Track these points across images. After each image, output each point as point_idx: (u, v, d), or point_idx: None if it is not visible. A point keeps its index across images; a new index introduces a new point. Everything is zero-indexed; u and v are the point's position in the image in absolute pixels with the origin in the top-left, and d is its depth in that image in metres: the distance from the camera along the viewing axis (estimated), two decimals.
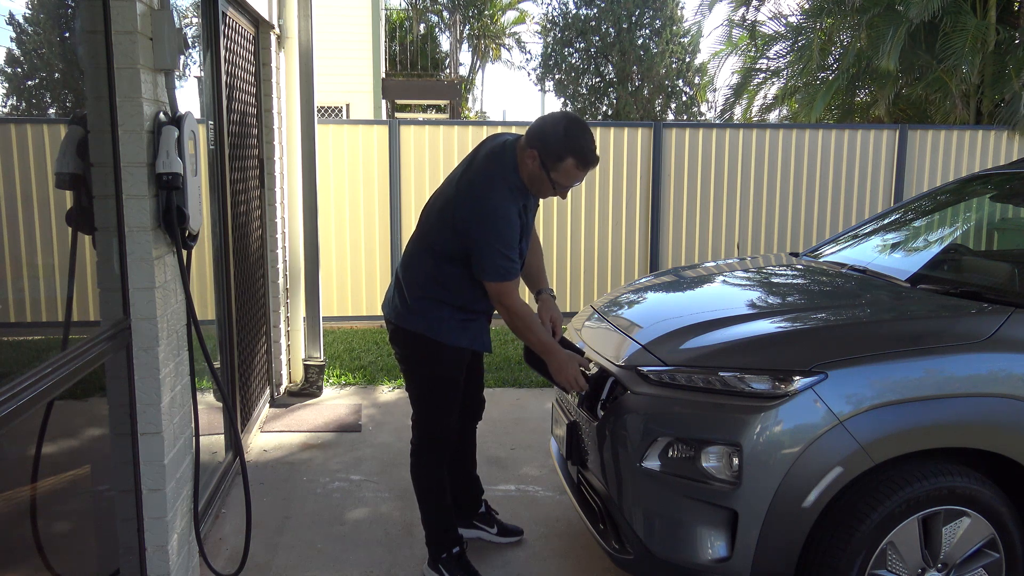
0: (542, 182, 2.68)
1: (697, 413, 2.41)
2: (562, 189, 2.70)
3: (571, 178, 2.66)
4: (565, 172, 2.64)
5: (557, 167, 2.63)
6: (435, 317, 2.78)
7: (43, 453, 1.98)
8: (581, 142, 2.61)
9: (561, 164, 2.62)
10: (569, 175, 2.65)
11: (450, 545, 2.98)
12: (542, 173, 2.64)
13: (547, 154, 2.62)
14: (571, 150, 2.61)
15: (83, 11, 2.17)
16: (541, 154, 2.62)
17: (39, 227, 2.04)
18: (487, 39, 23.27)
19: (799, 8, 14.36)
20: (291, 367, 5.42)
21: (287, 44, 5.14)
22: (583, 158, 2.62)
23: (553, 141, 2.61)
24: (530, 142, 2.65)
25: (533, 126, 2.68)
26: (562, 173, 2.64)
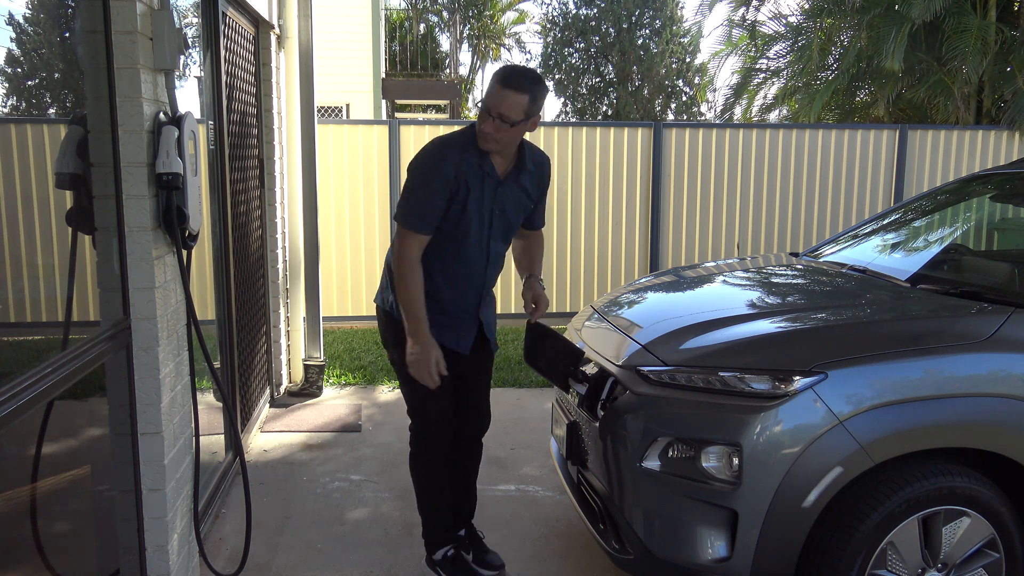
0: (481, 116, 2.68)
1: (697, 413, 2.41)
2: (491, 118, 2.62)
3: (490, 95, 2.64)
4: (488, 91, 2.67)
5: (487, 91, 2.69)
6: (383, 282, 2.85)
7: (43, 453, 1.98)
8: (510, 67, 2.70)
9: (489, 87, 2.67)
10: (491, 93, 2.65)
11: (444, 545, 2.98)
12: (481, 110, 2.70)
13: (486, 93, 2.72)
14: (497, 75, 2.66)
15: (83, 11, 2.17)
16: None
17: (39, 227, 2.04)
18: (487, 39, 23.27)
19: (799, 8, 14.37)
20: (291, 367, 5.42)
21: (287, 44, 5.14)
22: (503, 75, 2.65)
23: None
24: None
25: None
26: (487, 93, 2.67)
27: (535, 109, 2.65)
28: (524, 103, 2.60)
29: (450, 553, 2.99)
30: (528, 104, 2.62)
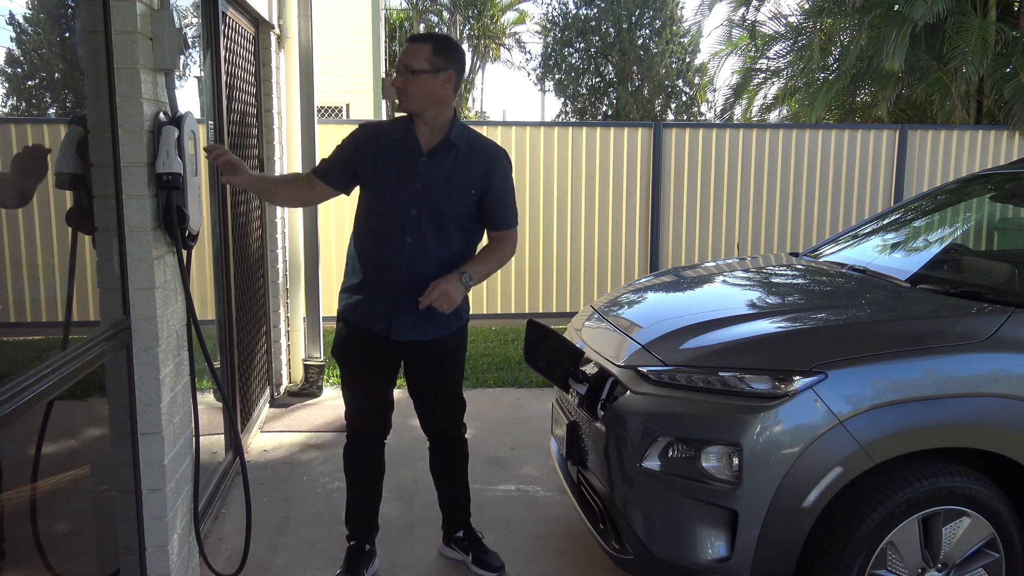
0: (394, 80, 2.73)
1: (697, 413, 2.41)
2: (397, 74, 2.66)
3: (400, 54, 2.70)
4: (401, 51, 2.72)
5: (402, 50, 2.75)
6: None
7: (43, 453, 1.98)
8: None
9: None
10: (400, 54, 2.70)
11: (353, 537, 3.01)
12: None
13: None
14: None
15: (83, 11, 2.16)
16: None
17: (39, 227, 2.04)
18: (487, 39, 23.28)
19: (799, 8, 14.37)
20: (291, 367, 5.42)
21: (287, 44, 5.14)
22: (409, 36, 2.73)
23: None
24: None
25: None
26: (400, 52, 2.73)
27: (442, 63, 2.62)
28: (427, 52, 2.60)
29: (352, 543, 3.01)
30: (431, 54, 2.61)
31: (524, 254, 7.34)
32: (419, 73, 2.60)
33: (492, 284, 7.22)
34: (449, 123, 2.72)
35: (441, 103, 2.67)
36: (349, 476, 3.00)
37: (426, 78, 2.61)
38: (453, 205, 2.72)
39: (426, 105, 2.66)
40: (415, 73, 2.60)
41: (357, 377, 2.87)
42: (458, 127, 2.74)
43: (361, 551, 2.99)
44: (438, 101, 2.66)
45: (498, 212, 2.81)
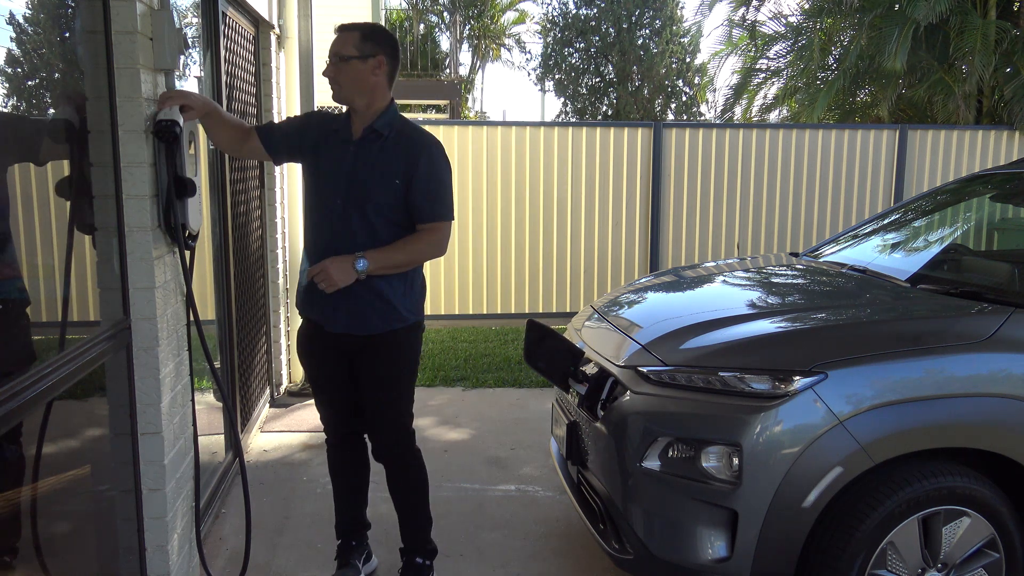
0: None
1: (697, 413, 2.41)
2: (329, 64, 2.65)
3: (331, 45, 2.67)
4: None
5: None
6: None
7: (43, 453, 1.98)
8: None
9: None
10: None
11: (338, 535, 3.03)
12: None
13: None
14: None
15: (83, 11, 2.17)
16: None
17: (39, 227, 2.04)
18: (487, 39, 23.28)
19: (799, 8, 14.37)
20: (291, 367, 5.41)
21: (287, 44, 5.14)
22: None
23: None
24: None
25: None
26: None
27: (371, 48, 2.59)
28: (355, 38, 2.60)
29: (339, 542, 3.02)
30: (359, 40, 2.59)
31: (524, 254, 7.34)
32: (348, 60, 2.59)
33: (492, 284, 7.23)
34: (381, 112, 2.65)
35: (374, 90, 2.62)
36: (330, 476, 3.04)
37: (355, 64, 2.59)
38: (378, 195, 2.62)
39: (357, 92, 2.62)
40: (344, 60, 2.59)
41: (314, 371, 2.87)
42: (388, 116, 2.66)
43: (348, 547, 3.00)
44: (371, 88, 2.62)
45: (423, 202, 2.64)
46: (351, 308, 2.65)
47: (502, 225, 7.23)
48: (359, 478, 3.02)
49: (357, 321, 2.66)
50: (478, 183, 7.12)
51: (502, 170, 7.17)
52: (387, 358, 2.72)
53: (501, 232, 7.23)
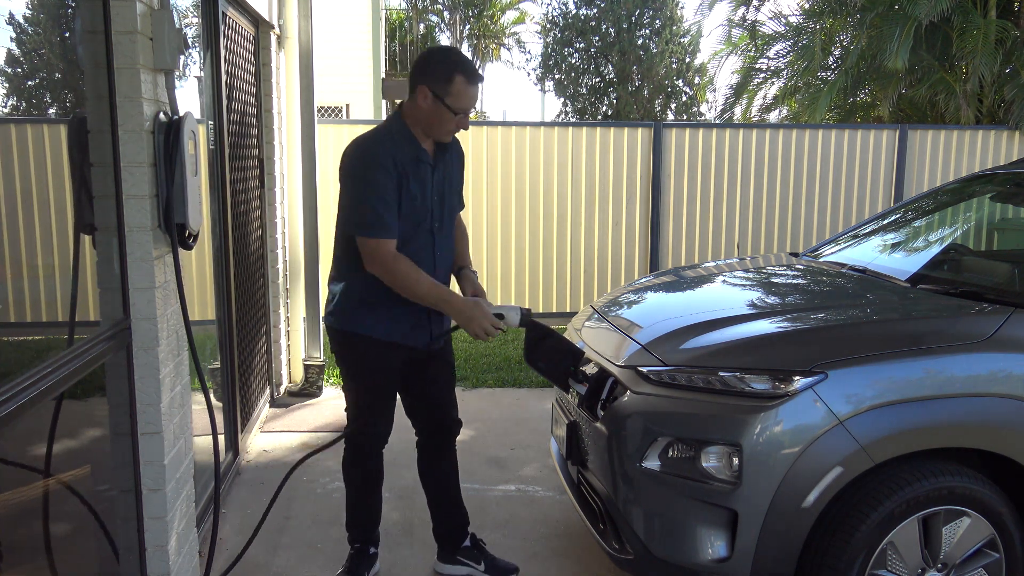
0: (440, 115, 2.63)
1: (697, 413, 2.41)
2: (462, 115, 2.64)
3: (464, 98, 2.63)
4: (458, 93, 2.61)
5: (449, 90, 2.61)
6: (354, 311, 2.74)
7: (44, 453, 1.98)
8: (463, 61, 2.65)
9: (452, 86, 2.60)
10: (463, 95, 2.62)
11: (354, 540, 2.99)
12: (437, 105, 2.62)
13: (436, 82, 2.60)
14: (457, 68, 2.61)
15: (83, 11, 2.16)
16: (431, 86, 2.61)
17: (39, 227, 2.04)
18: (487, 39, 23.28)
19: (799, 8, 14.37)
20: (291, 367, 5.42)
21: (287, 44, 5.14)
22: (469, 73, 2.62)
23: (438, 68, 2.62)
24: (415, 81, 2.65)
25: (411, 71, 2.70)
26: (455, 95, 2.61)
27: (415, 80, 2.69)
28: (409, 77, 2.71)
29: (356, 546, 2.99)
30: (409, 77, 2.72)
31: (524, 254, 7.34)
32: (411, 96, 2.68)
33: (492, 284, 7.23)
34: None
35: (430, 115, 2.64)
36: (361, 485, 2.95)
37: (412, 98, 2.67)
38: (456, 202, 2.87)
39: (417, 122, 2.68)
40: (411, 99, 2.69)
41: (388, 395, 2.85)
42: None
43: (365, 554, 2.99)
44: (425, 116, 2.65)
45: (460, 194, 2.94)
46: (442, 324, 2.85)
47: (502, 225, 7.23)
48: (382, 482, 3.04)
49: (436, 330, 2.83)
50: (478, 183, 7.12)
51: (502, 170, 7.17)
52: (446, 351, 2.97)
53: (501, 232, 7.23)
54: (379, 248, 2.57)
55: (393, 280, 2.60)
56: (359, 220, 2.58)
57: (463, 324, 2.63)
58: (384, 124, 2.73)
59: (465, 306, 2.62)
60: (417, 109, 2.64)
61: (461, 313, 2.61)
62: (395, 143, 2.64)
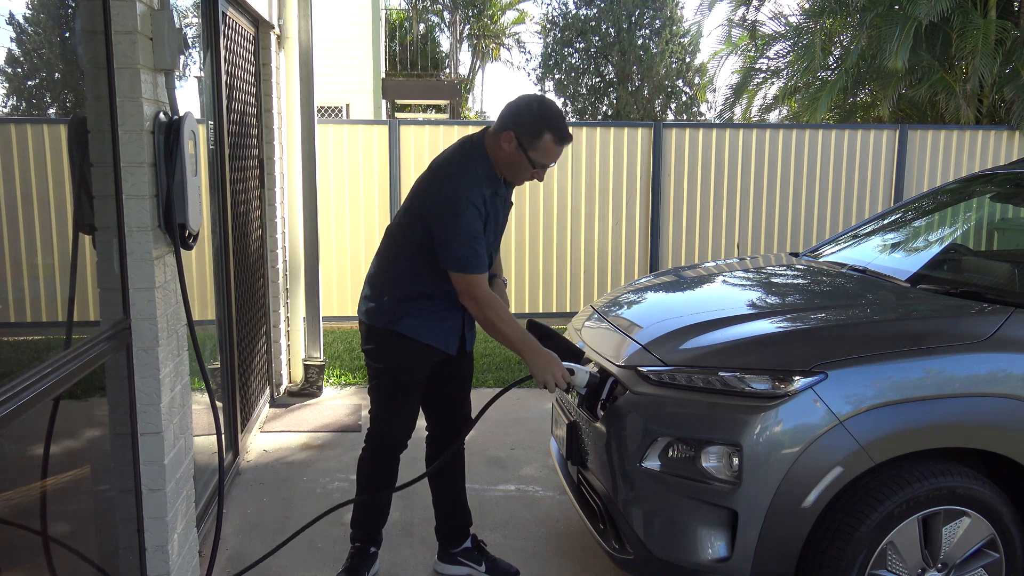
0: (520, 164, 2.66)
1: (697, 413, 2.41)
2: (540, 169, 2.68)
3: (549, 156, 2.65)
4: (544, 150, 2.63)
5: (536, 145, 2.62)
6: (398, 311, 2.76)
7: (44, 453, 1.98)
8: (556, 118, 2.64)
9: (539, 141, 2.62)
10: (548, 152, 2.64)
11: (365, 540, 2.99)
12: (520, 155, 2.63)
13: (524, 133, 2.61)
14: (548, 126, 2.62)
15: (83, 11, 2.17)
16: (518, 134, 2.61)
17: (39, 227, 2.04)
18: (487, 39, 23.28)
19: (799, 8, 14.37)
20: (291, 367, 5.42)
21: (287, 44, 5.14)
22: (560, 133, 2.63)
23: (528, 119, 2.62)
24: (504, 125, 2.64)
25: (505, 110, 2.68)
26: (541, 151, 2.63)
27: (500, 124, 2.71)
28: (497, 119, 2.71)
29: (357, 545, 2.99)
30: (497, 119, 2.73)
31: (524, 254, 7.34)
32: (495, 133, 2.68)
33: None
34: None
35: (509, 160, 2.67)
36: (373, 484, 2.95)
37: (496, 137, 2.67)
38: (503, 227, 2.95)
39: (496, 160, 2.69)
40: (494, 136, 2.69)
41: (417, 395, 2.89)
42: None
43: (366, 553, 2.99)
44: (504, 159, 2.68)
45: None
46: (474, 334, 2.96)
47: None
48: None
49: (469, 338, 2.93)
50: None
51: None
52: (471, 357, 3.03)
53: None
54: (475, 284, 2.63)
55: (483, 315, 2.66)
56: (455, 257, 2.61)
57: (537, 370, 2.65)
58: (470, 157, 2.69)
59: (545, 356, 2.65)
60: (499, 150, 2.66)
61: (540, 359, 2.65)
62: (482, 182, 2.67)
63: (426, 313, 2.77)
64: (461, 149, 2.74)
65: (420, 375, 2.85)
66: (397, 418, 2.88)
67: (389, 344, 2.80)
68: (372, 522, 3.00)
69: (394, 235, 2.82)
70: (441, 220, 2.61)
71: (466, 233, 2.59)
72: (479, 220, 2.63)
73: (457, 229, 2.59)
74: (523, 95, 2.73)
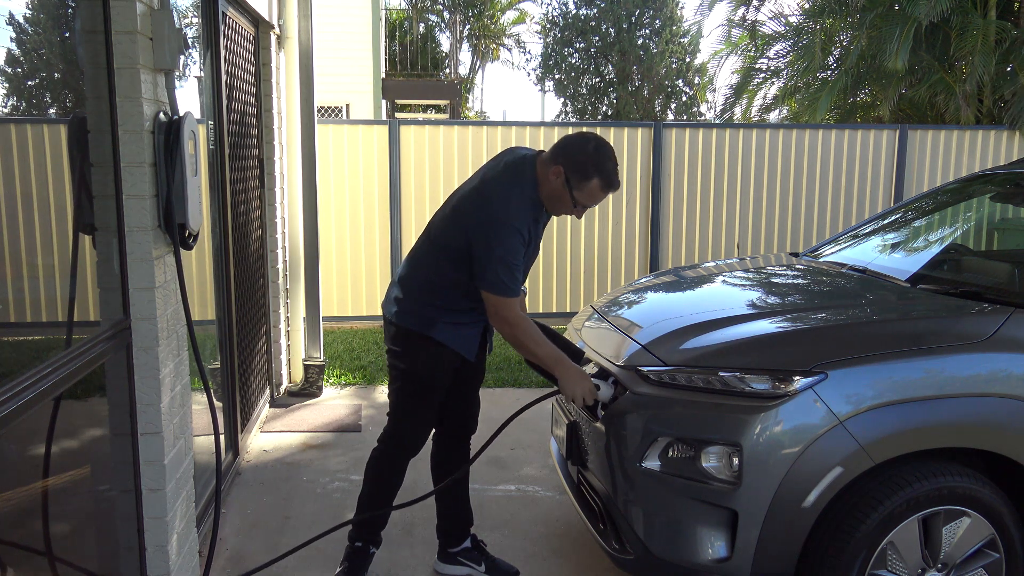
0: (562, 200, 2.68)
1: (697, 413, 2.41)
2: (581, 209, 2.71)
3: (594, 199, 2.67)
4: (589, 192, 2.65)
5: (582, 186, 2.63)
6: (430, 316, 2.77)
7: (44, 453, 1.98)
8: (608, 165, 2.64)
9: (587, 184, 2.63)
10: (593, 195, 2.66)
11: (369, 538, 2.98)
12: (565, 191, 2.64)
13: (574, 172, 2.62)
14: (599, 171, 2.62)
15: (83, 11, 2.16)
16: (567, 171, 2.62)
17: (39, 227, 2.04)
18: (487, 39, 23.27)
19: (799, 8, 14.37)
20: (291, 367, 5.42)
21: (287, 44, 5.14)
22: (608, 180, 2.64)
23: (581, 160, 2.61)
24: (556, 158, 2.65)
25: (560, 143, 2.68)
26: (586, 193, 2.65)
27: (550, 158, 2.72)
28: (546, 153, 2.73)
29: (358, 544, 2.99)
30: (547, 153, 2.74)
31: None
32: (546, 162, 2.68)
33: None
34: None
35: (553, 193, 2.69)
36: (382, 484, 2.96)
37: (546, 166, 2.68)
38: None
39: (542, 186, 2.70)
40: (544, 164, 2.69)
41: (437, 399, 2.91)
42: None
43: (366, 553, 2.99)
44: (548, 190, 2.69)
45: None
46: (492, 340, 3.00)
47: None
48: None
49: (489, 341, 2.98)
50: None
51: None
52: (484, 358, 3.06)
53: None
54: (506, 307, 2.63)
55: (513, 336, 2.67)
56: (493, 280, 2.61)
57: (567, 385, 2.66)
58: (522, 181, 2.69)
59: (576, 372, 2.67)
60: (546, 180, 2.67)
61: (571, 375, 2.66)
62: (529, 208, 2.68)
63: (458, 322, 2.79)
64: (515, 169, 2.72)
65: (446, 379, 2.87)
66: (419, 420, 2.90)
67: (420, 348, 2.80)
68: (381, 522, 3.00)
69: (435, 240, 2.78)
70: (484, 241, 2.61)
71: (507, 259, 2.60)
72: (522, 247, 2.64)
73: (500, 253, 2.59)
74: (583, 133, 2.73)
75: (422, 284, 2.79)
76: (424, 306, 2.78)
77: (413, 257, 2.87)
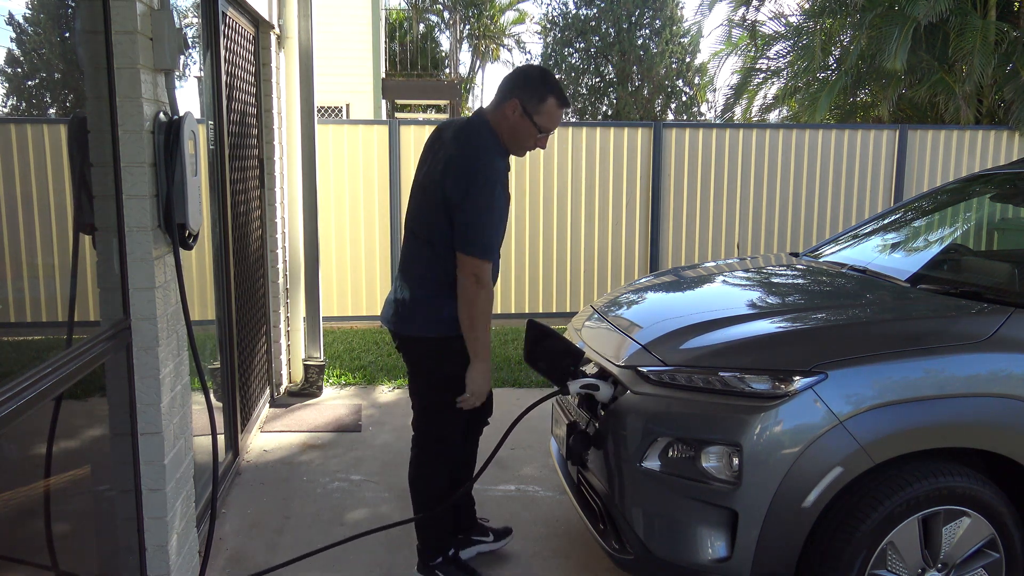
0: (525, 131, 2.70)
1: (697, 413, 2.41)
2: (544, 135, 2.73)
3: (553, 120, 2.71)
4: (548, 113, 2.69)
5: (540, 109, 2.68)
6: (435, 313, 2.74)
7: (44, 453, 1.98)
8: (556, 83, 2.73)
9: (543, 105, 2.68)
10: (551, 116, 2.70)
11: (447, 548, 2.97)
12: (524, 120, 2.68)
13: (529, 98, 2.67)
14: (551, 90, 2.69)
15: (83, 11, 2.17)
16: (523, 101, 2.67)
17: (39, 227, 2.04)
18: (487, 39, 23.28)
19: (799, 8, 14.37)
20: (291, 367, 5.42)
21: (287, 44, 5.14)
22: (561, 96, 2.71)
23: (533, 86, 2.68)
24: (508, 95, 2.69)
25: (505, 83, 2.72)
26: (545, 115, 2.69)
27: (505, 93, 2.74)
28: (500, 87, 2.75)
29: (451, 552, 2.98)
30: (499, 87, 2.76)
31: (524, 254, 7.34)
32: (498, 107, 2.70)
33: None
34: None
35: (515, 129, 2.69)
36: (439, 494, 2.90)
37: (499, 109, 2.70)
38: None
39: (501, 133, 2.71)
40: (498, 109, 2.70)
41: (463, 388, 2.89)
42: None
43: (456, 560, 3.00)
44: (509, 128, 2.70)
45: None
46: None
47: None
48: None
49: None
50: None
51: None
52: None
53: None
54: (484, 269, 2.62)
55: (474, 301, 2.63)
56: (483, 243, 2.59)
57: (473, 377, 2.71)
58: (481, 134, 2.69)
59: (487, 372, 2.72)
60: (503, 119, 2.69)
61: (483, 370, 2.70)
62: (497, 158, 2.68)
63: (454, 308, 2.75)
64: (468, 131, 2.71)
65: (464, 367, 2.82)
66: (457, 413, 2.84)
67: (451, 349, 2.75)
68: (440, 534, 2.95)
69: (429, 240, 2.72)
70: (474, 202, 2.57)
71: (497, 217, 2.62)
72: (505, 199, 2.66)
73: (488, 211, 2.59)
74: (518, 67, 2.79)
75: (423, 277, 2.77)
76: (430, 300, 2.75)
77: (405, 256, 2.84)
